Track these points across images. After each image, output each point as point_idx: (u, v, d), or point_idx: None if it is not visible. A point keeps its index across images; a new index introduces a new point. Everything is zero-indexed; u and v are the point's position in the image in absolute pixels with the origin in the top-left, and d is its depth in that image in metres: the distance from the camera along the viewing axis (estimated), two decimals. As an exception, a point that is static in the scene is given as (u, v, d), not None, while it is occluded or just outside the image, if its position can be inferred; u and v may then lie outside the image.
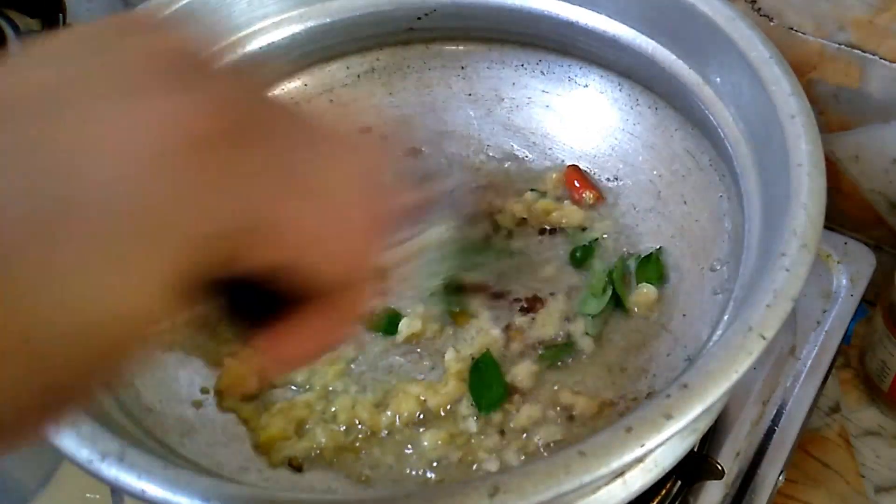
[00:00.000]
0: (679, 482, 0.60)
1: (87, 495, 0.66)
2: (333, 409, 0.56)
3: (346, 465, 0.54)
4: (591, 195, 0.66)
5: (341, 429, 0.55)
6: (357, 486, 0.53)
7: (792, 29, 0.70)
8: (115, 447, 0.40)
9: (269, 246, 0.25)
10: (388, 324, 0.60)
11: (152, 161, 0.23)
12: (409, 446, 0.55)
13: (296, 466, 0.54)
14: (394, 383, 0.57)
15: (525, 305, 0.61)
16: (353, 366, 0.59)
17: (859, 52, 0.69)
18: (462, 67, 0.72)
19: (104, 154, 0.23)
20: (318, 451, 0.54)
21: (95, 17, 0.83)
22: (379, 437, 0.55)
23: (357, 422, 0.56)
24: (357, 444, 0.55)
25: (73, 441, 0.41)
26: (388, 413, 0.56)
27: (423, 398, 0.56)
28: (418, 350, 0.60)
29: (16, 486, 0.68)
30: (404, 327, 0.59)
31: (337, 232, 0.27)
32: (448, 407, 0.56)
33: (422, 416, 0.56)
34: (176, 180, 0.23)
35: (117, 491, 0.43)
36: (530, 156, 0.71)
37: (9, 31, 0.81)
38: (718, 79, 0.57)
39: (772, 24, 0.70)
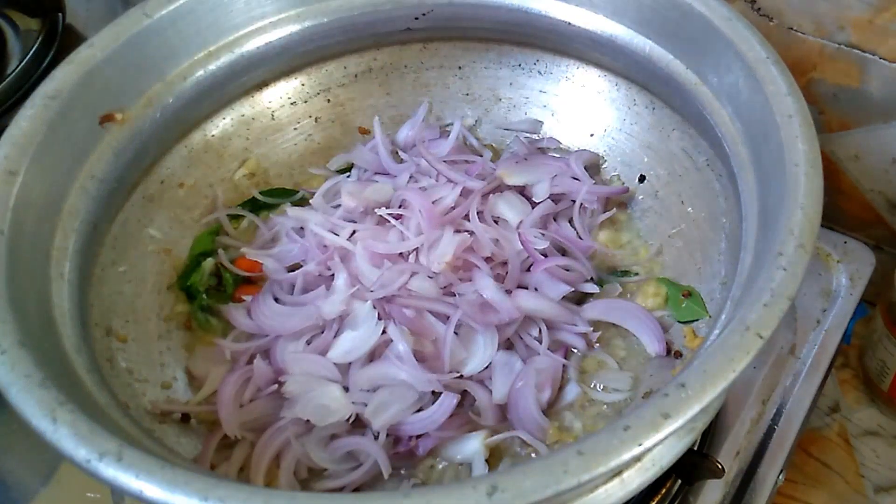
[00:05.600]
0: (679, 481, 0.60)
1: (88, 494, 0.66)
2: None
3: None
4: None
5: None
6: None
7: (792, 29, 0.70)
8: (113, 447, 0.40)
9: None
10: None
11: None
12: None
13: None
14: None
15: None
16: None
17: (859, 52, 0.69)
18: (459, 67, 0.72)
19: None
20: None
21: (95, 17, 0.83)
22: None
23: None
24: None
25: (72, 441, 0.41)
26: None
27: None
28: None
29: (16, 485, 0.69)
30: None
31: None
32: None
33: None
34: None
35: (116, 490, 0.44)
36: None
37: (9, 31, 0.81)
38: (715, 79, 0.57)
39: (771, 24, 0.70)
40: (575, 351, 0.60)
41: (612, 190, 0.67)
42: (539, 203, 0.65)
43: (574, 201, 0.66)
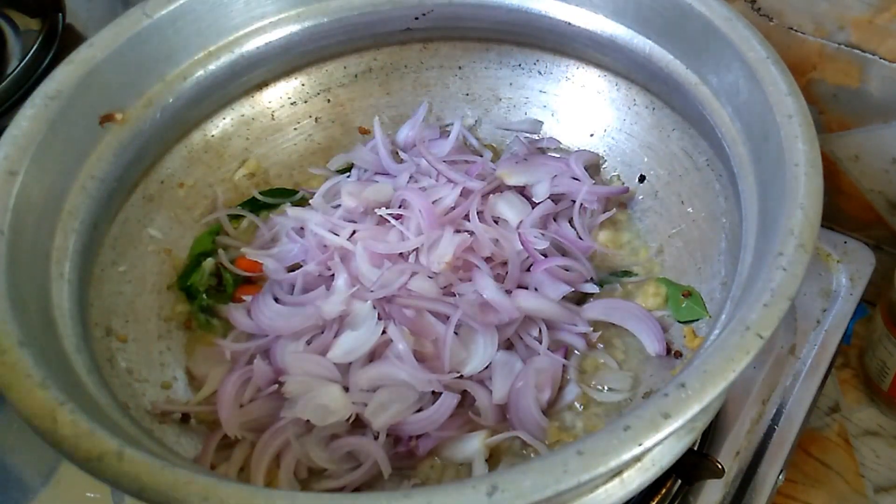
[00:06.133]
0: (679, 481, 0.60)
1: (88, 494, 0.66)
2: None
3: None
4: None
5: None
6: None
7: (792, 29, 0.70)
8: (113, 447, 0.40)
9: None
10: None
11: None
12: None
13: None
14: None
15: None
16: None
17: (859, 52, 0.68)
18: (459, 67, 0.72)
19: None
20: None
21: (95, 16, 0.83)
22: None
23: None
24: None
25: (72, 441, 0.41)
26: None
27: None
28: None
29: (17, 484, 0.69)
30: None
31: None
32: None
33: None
34: None
35: (116, 490, 0.44)
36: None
37: (9, 31, 0.81)
38: (715, 79, 0.57)
39: (771, 24, 0.70)
40: (575, 351, 0.60)
41: (612, 190, 0.67)
42: (539, 203, 0.65)
43: (574, 201, 0.66)
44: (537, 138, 0.71)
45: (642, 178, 0.67)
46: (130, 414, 0.50)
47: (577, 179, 0.66)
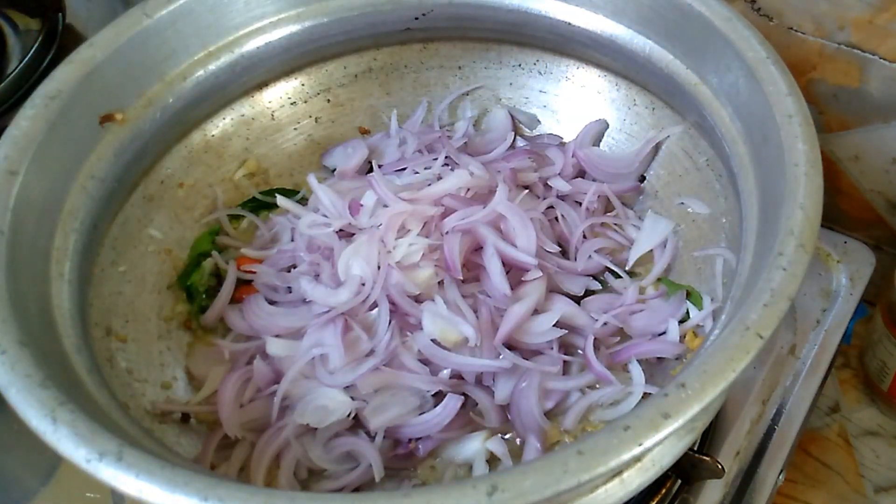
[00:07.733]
0: (679, 481, 0.60)
1: (88, 495, 0.66)
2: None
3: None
4: None
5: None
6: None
7: (792, 29, 0.70)
8: (113, 447, 0.40)
9: None
10: None
11: None
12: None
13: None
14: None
15: None
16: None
17: (859, 52, 0.69)
18: (459, 67, 0.72)
19: None
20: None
21: (95, 16, 0.83)
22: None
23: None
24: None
25: (72, 441, 0.41)
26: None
27: None
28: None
29: (16, 484, 0.69)
30: None
31: None
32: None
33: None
34: None
35: (116, 490, 0.44)
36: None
37: (9, 31, 0.81)
38: (715, 79, 0.57)
39: (771, 24, 0.70)
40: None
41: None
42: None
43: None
44: (537, 135, 0.72)
45: (642, 178, 0.67)
46: (130, 414, 0.50)
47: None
